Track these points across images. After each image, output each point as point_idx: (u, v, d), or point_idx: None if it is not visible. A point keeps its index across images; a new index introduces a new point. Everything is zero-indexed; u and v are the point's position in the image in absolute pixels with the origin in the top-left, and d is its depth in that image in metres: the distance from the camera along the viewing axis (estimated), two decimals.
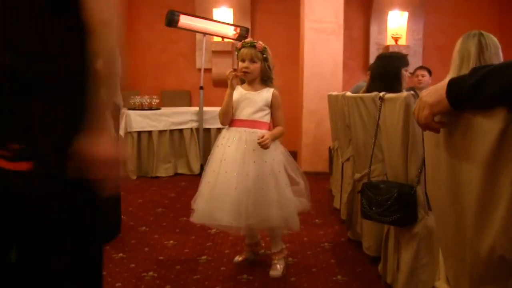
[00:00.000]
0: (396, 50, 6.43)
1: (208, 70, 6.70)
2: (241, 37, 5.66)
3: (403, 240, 2.16)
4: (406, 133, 1.99)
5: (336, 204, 3.92)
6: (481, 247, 1.07)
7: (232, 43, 6.73)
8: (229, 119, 2.55)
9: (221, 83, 7.09)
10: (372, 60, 6.57)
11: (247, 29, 5.69)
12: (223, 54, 6.92)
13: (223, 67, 7.00)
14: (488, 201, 1.03)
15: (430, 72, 4.82)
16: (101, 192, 1.15)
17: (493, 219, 1.02)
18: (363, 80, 4.45)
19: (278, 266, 2.61)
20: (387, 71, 2.79)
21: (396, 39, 6.56)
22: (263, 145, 2.37)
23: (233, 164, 2.40)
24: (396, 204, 2.03)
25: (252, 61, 2.47)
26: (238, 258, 2.77)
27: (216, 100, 7.03)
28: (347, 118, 3.21)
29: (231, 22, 6.47)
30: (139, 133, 5.27)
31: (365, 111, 2.67)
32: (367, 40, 6.82)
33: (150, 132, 5.32)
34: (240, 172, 2.37)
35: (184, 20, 5.08)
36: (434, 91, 1.12)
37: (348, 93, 3.13)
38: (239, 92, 2.55)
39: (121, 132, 5.06)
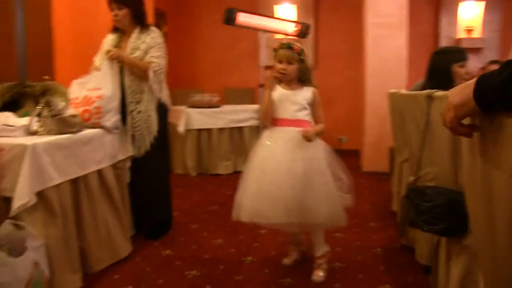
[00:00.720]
0: (469, 43, 6.00)
1: (269, 68, 6.65)
2: (301, 33, 5.55)
3: (453, 252, 1.98)
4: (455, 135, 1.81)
5: (394, 207, 3.72)
6: None
7: (295, 40, 6.63)
8: (269, 118, 2.54)
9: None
10: None
11: (307, 26, 5.55)
12: None
13: None
14: None
15: None
16: None
17: None
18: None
19: (320, 271, 2.57)
20: (438, 67, 2.58)
21: (469, 31, 6.10)
22: (307, 137, 2.37)
23: (282, 162, 2.40)
24: (444, 212, 1.86)
25: (289, 62, 2.47)
26: (286, 261, 2.75)
27: None
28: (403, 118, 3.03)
29: (294, 19, 6.38)
30: (199, 130, 5.35)
31: (418, 110, 2.49)
32: (436, 35, 6.41)
33: (209, 130, 5.38)
34: (290, 171, 2.37)
35: (242, 18, 5.05)
36: (459, 90, 1.00)
37: (403, 91, 2.94)
38: (279, 91, 2.53)
39: (181, 129, 5.18)
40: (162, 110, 3.12)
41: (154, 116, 3.02)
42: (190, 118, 5.28)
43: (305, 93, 2.53)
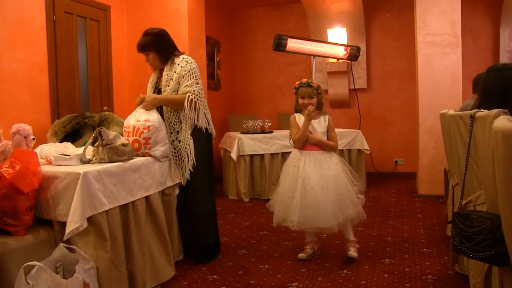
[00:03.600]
0: None
1: (324, 92, 6.65)
2: (352, 56, 5.54)
3: (506, 282, 1.86)
4: None
5: (449, 232, 3.54)
6: None
7: (348, 63, 6.62)
8: (302, 144, 3.18)
9: (338, 104, 7.02)
10: None
11: (358, 48, 5.54)
12: (339, 75, 6.83)
13: (339, 88, 6.92)
14: None
15: None
16: None
17: None
18: (472, 97, 3.98)
19: (354, 250, 3.20)
20: (494, 85, 2.39)
21: None
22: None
23: (317, 181, 3.04)
24: (489, 238, 1.77)
25: (310, 97, 3.16)
26: (302, 255, 3.25)
27: (333, 121, 6.95)
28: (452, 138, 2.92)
29: (345, 42, 6.37)
30: (251, 156, 5.41)
31: (465, 130, 2.40)
32: (497, 49, 6.14)
33: (262, 155, 5.43)
34: (324, 186, 3.03)
35: (292, 44, 5.13)
36: None
37: (451, 111, 2.84)
38: (302, 119, 3.17)
39: (234, 155, 5.27)
40: (203, 136, 3.17)
41: (192, 144, 3.10)
42: (243, 143, 5.36)
43: (324, 122, 3.22)
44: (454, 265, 2.83)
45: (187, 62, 3.09)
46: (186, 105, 3.00)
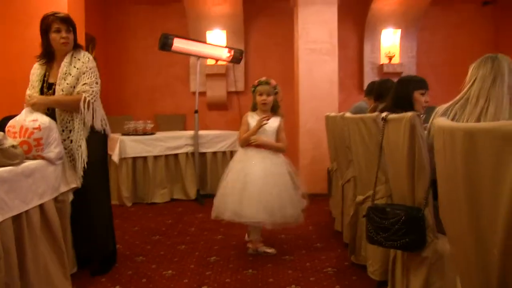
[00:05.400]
0: (390, 68, 6.44)
1: (202, 94, 6.65)
2: (235, 59, 5.64)
3: (412, 265, 2.07)
4: (412, 155, 1.92)
5: (338, 226, 3.83)
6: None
7: (226, 66, 6.71)
8: (246, 144, 3.30)
9: (216, 106, 7.08)
10: (366, 79, 6.56)
11: (241, 51, 5.67)
12: (217, 77, 6.89)
13: (218, 90, 6.98)
14: None
15: None
16: None
17: None
18: (363, 100, 4.40)
19: (266, 247, 3.37)
20: (401, 93, 2.71)
21: (390, 58, 6.56)
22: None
23: (259, 176, 3.13)
24: (404, 228, 1.95)
25: (268, 95, 3.30)
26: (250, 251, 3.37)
27: (211, 124, 6.99)
28: (347, 139, 3.16)
29: (225, 45, 6.46)
30: (134, 158, 5.18)
31: (366, 132, 2.62)
32: (362, 59, 6.82)
33: (145, 158, 5.23)
34: (266, 182, 3.11)
35: (178, 44, 5.05)
36: None
37: (348, 114, 3.07)
38: (255, 119, 3.31)
39: (115, 158, 4.98)
40: (98, 137, 2.96)
41: (85, 145, 2.87)
42: (125, 146, 5.09)
43: (275, 123, 3.31)
44: (351, 256, 3.06)
45: (88, 58, 2.85)
46: (82, 108, 2.76)
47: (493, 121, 1.77)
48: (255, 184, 3.09)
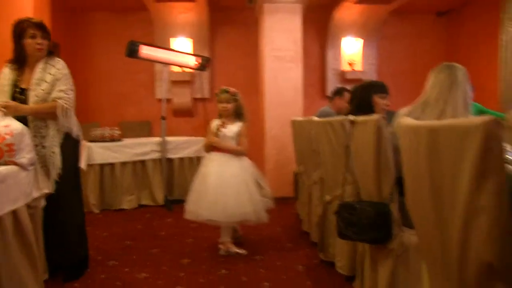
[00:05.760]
0: (352, 75, 6.68)
1: (168, 100, 6.67)
2: (202, 66, 5.71)
3: (379, 258, 2.21)
4: (378, 155, 2.06)
5: (305, 227, 3.97)
6: (469, 256, 1.12)
7: (192, 73, 6.77)
8: (208, 150, 3.55)
9: (181, 113, 7.11)
10: (329, 86, 6.78)
11: (208, 59, 5.75)
12: (183, 84, 6.93)
13: (183, 97, 7.01)
14: (472, 210, 1.09)
15: None
16: None
17: (479, 227, 1.08)
18: (327, 106, 4.57)
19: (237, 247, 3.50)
20: (361, 97, 2.88)
21: (351, 65, 6.80)
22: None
23: (216, 177, 3.34)
24: (372, 222, 2.09)
25: (228, 102, 3.50)
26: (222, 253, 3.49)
27: (177, 130, 7.01)
28: (314, 142, 3.30)
29: (191, 52, 6.52)
30: (101, 165, 5.15)
31: (333, 135, 2.76)
32: (324, 67, 7.04)
33: (112, 164, 5.21)
34: (222, 184, 3.29)
35: (145, 51, 5.08)
36: None
37: (315, 118, 3.21)
38: (215, 124, 3.52)
39: (83, 165, 4.94)
40: (71, 143, 2.98)
41: (59, 152, 2.89)
42: (92, 152, 5.06)
43: (236, 128, 3.50)
44: (320, 253, 3.19)
45: (63, 65, 2.87)
46: (60, 115, 2.78)
47: None
48: (211, 186, 3.30)
